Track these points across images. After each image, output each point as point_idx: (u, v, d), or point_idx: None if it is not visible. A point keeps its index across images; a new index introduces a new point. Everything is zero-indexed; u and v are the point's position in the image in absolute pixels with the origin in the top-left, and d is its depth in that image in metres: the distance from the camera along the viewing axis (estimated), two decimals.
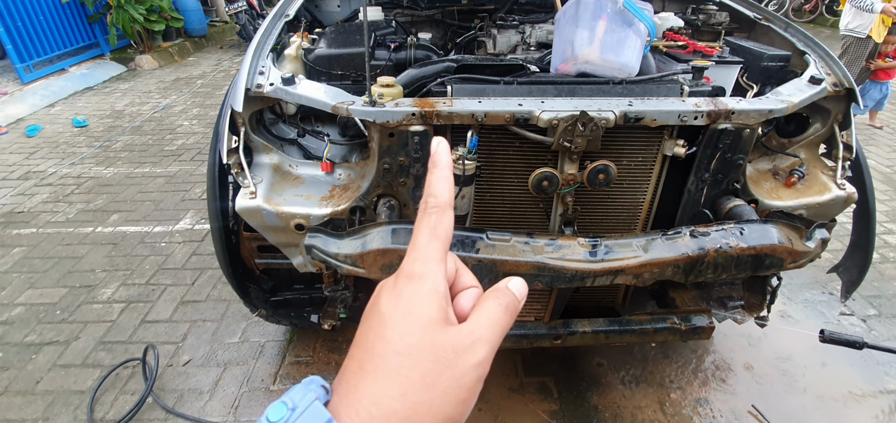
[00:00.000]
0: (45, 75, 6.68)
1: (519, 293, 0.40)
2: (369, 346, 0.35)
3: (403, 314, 0.35)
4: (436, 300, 0.36)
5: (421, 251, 0.37)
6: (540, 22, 2.19)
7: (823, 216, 1.70)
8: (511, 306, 0.39)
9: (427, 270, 0.36)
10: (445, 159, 0.41)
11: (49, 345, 2.53)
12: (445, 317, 0.36)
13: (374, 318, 0.36)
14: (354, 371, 0.34)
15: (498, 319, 0.38)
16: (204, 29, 9.14)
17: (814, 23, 10.64)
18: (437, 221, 0.38)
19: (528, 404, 2.24)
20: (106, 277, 3.01)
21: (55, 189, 4.06)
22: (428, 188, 0.40)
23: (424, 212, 0.39)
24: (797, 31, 2.01)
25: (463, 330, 0.36)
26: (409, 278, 0.37)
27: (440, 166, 0.41)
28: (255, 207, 1.52)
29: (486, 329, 0.36)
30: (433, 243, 0.38)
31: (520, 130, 1.43)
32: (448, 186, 0.40)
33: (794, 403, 2.26)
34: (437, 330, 0.35)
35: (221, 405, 2.23)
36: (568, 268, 1.39)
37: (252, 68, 1.57)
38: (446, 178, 0.40)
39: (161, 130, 5.25)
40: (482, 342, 0.35)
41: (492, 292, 0.40)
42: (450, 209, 0.39)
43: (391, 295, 0.37)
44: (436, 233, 0.38)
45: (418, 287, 0.36)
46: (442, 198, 0.39)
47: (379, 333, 0.35)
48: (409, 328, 0.34)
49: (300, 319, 2.08)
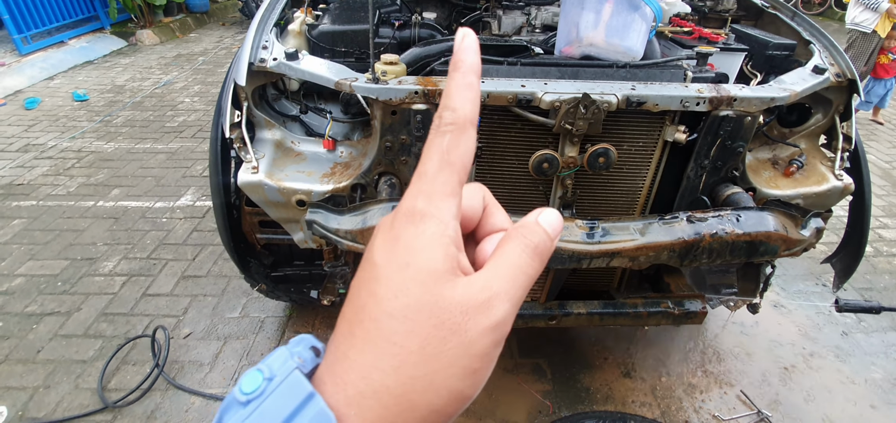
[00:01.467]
0: (44, 47, 6.63)
1: (551, 229, 0.31)
2: (360, 304, 0.28)
3: (399, 266, 0.28)
4: (441, 247, 0.28)
5: (427, 182, 0.29)
6: (546, 3, 2.18)
7: (820, 206, 1.71)
8: (541, 247, 0.30)
9: (432, 207, 0.28)
10: (472, 60, 0.31)
11: (50, 316, 2.56)
12: (454, 268, 0.28)
13: (367, 268, 0.29)
14: (344, 335, 0.28)
15: (522, 265, 0.29)
16: (206, 5, 9.05)
17: (823, 15, 10.55)
18: (453, 142, 0.29)
19: (522, 383, 2.28)
20: (107, 250, 3.03)
21: (55, 162, 4.06)
22: (445, 98, 0.30)
23: (437, 130, 0.30)
24: (803, 20, 2.01)
25: (476, 283, 0.28)
26: (408, 217, 0.29)
27: (463, 69, 0.31)
28: (257, 181, 1.53)
29: (505, 280, 0.29)
30: (444, 171, 0.29)
31: (522, 111, 1.44)
32: (472, 96, 0.30)
33: (782, 390, 2.31)
34: (442, 285, 0.27)
35: (221, 377, 2.27)
36: (564, 249, 1.41)
37: (255, 43, 1.57)
38: (470, 85, 0.30)
39: (162, 106, 5.23)
40: (500, 298, 0.28)
41: (516, 231, 0.31)
42: (471, 128, 0.30)
43: (387, 239, 0.29)
44: (449, 159, 0.29)
45: (420, 230, 0.28)
46: (461, 112, 0.30)
47: (370, 288, 0.28)
48: (405, 284, 0.27)
49: (300, 295, 2.10)
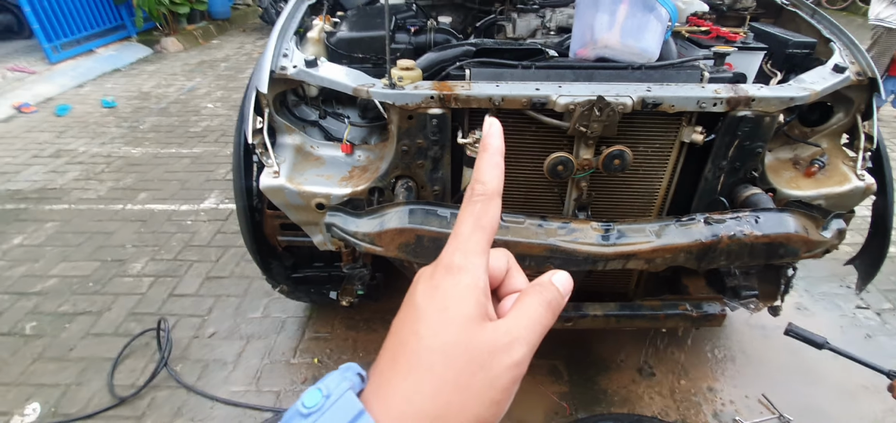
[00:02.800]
0: (73, 56, 6.88)
1: (563, 288, 0.38)
2: (403, 339, 0.34)
3: (439, 309, 0.34)
4: (474, 296, 0.34)
5: (462, 241, 0.35)
6: (560, 6, 2.18)
7: (842, 207, 1.68)
8: (554, 303, 0.37)
9: (467, 262, 0.35)
10: (497, 143, 0.38)
11: (82, 315, 2.67)
12: (483, 314, 0.34)
13: (410, 310, 0.35)
14: (388, 364, 0.34)
15: (539, 317, 0.35)
16: (227, 12, 9.26)
17: (846, 11, 10.23)
18: (483, 210, 0.36)
19: (539, 385, 2.29)
20: (135, 252, 3.14)
21: (86, 167, 4.22)
22: (476, 174, 0.37)
23: (470, 199, 0.37)
24: (823, 17, 1.97)
25: (501, 329, 0.34)
26: (447, 270, 0.35)
27: (491, 151, 0.38)
28: (278, 185, 1.58)
29: (525, 329, 0.34)
30: (476, 233, 0.35)
31: (536, 114, 1.45)
32: (498, 173, 0.37)
33: (805, 393, 2.26)
34: (474, 328, 0.33)
35: (244, 376, 2.33)
36: (580, 251, 1.42)
37: (276, 51, 1.62)
38: (496, 164, 0.37)
39: (186, 112, 5.38)
40: (520, 343, 0.34)
41: (533, 287, 0.37)
42: (497, 198, 0.37)
43: (428, 287, 0.35)
44: (480, 223, 0.36)
45: (457, 281, 0.34)
46: (490, 185, 0.37)
47: (413, 328, 0.34)
48: (444, 325, 0.33)
49: (319, 296, 2.15)
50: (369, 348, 2.48)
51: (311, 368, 2.38)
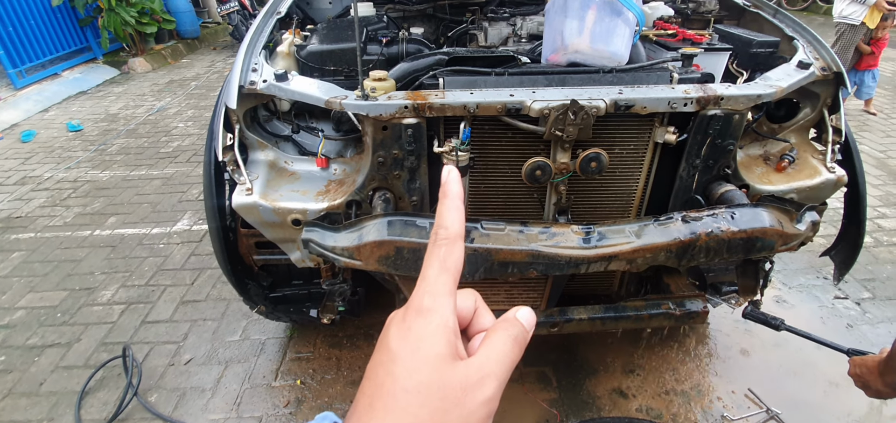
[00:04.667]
0: (38, 80, 6.66)
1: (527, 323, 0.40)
2: (379, 382, 0.35)
3: (412, 350, 0.35)
4: (444, 335, 0.35)
5: (430, 284, 0.37)
6: (531, 14, 2.20)
7: (814, 200, 1.72)
8: (519, 338, 0.38)
9: (436, 304, 0.36)
10: (455, 190, 0.40)
11: (51, 347, 2.55)
12: (454, 352, 0.35)
13: (384, 353, 0.36)
14: (365, 408, 0.34)
15: (506, 352, 0.37)
16: (196, 31, 9.11)
17: (807, 10, 10.66)
18: (447, 253, 0.38)
19: (528, 393, 2.27)
20: (105, 279, 3.02)
21: (52, 193, 4.06)
22: (438, 219, 0.39)
23: (434, 244, 0.38)
24: (785, 16, 2.03)
25: (472, 366, 0.35)
26: (418, 312, 0.36)
27: (451, 197, 0.40)
28: (251, 203, 1.54)
29: (495, 364, 0.36)
30: (443, 276, 0.37)
31: (512, 120, 1.45)
32: (458, 216, 0.39)
33: (791, 386, 2.29)
34: (446, 367, 0.34)
35: (224, 403, 2.25)
36: (562, 255, 1.41)
37: (245, 65, 1.58)
38: (456, 208, 0.39)
39: (156, 133, 5.25)
40: (490, 378, 0.35)
41: (500, 324, 0.39)
42: (460, 241, 0.39)
43: (400, 330, 0.36)
44: (445, 265, 0.37)
45: (427, 322, 0.35)
46: (452, 229, 0.38)
47: (388, 369, 0.35)
48: (417, 365, 0.34)
49: (299, 314, 2.10)
50: (353, 365, 2.43)
51: (293, 390, 2.31)
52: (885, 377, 1.22)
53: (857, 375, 1.32)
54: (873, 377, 1.25)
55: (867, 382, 1.28)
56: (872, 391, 1.28)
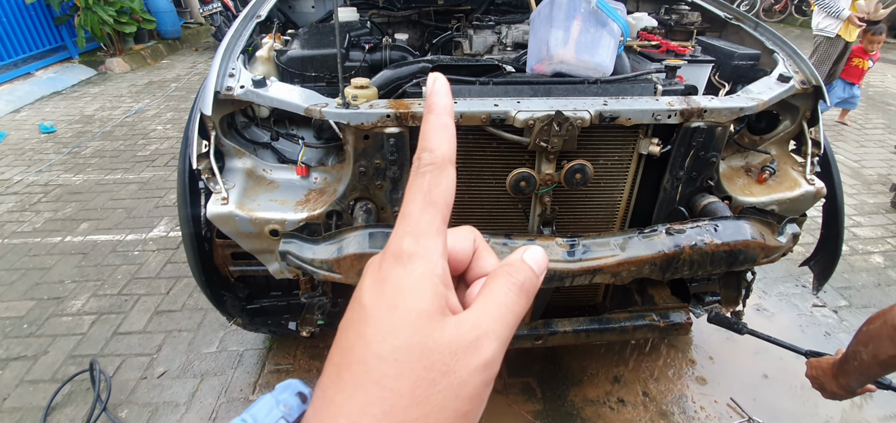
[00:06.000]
0: (10, 80, 6.44)
1: (537, 267, 0.32)
2: (348, 347, 0.28)
3: (388, 307, 0.28)
4: (430, 287, 0.28)
5: (411, 223, 0.29)
6: (516, 22, 2.19)
7: (794, 211, 1.74)
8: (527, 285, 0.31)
9: (419, 247, 0.29)
10: (444, 102, 0.32)
11: (16, 360, 2.43)
12: (442, 307, 0.28)
13: (355, 310, 0.29)
14: (332, 379, 0.28)
15: (509, 303, 0.30)
16: (178, 31, 8.94)
17: (784, 23, 10.95)
18: (433, 182, 0.30)
19: (512, 405, 2.24)
20: (76, 288, 2.91)
21: (21, 198, 3.91)
22: (422, 141, 0.31)
23: (417, 172, 0.30)
24: (766, 30, 2.05)
25: (465, 323, 0.28)
26: (396, 258, 0.29)
27: (437, 111, 0.32)
28: (227, 213, 1.48)
29: (493, 319, 0.29)
30: (428, 211, 0.29)
31: (496, 130, 1.43)
32: (448, 135, 0.31)
33: (772, 395, 2.31)
34: (432, 326, 0.27)
35: (198, 418, 2.17)
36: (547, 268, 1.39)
37: (222, 70, 1.53)
38: (445, 126, 0.31)
39: (133, 135, 5.11)
40: (488, 337, 0.28)
41: (502, 269, 0.31)
42: (450, 167, 0.31)
43: (375, 281, 0.29)
44: (431, 198, 0.30)
45: (408, 270, 0.28)
46: (439, 152, 0.30)
47: (359, 330, 0.28)
48: (395, 325, 0.27)
49: (278, 326, 2.04)
50: None
51: None
52: (838, 379, 1.24)
53: (814, 377, 1.35)
54: (828, 378, 1.28)
55: (823, 383, 1.31)
56: (828, 392, 1.31)
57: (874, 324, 1.08)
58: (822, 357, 1.36)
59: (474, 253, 0.34)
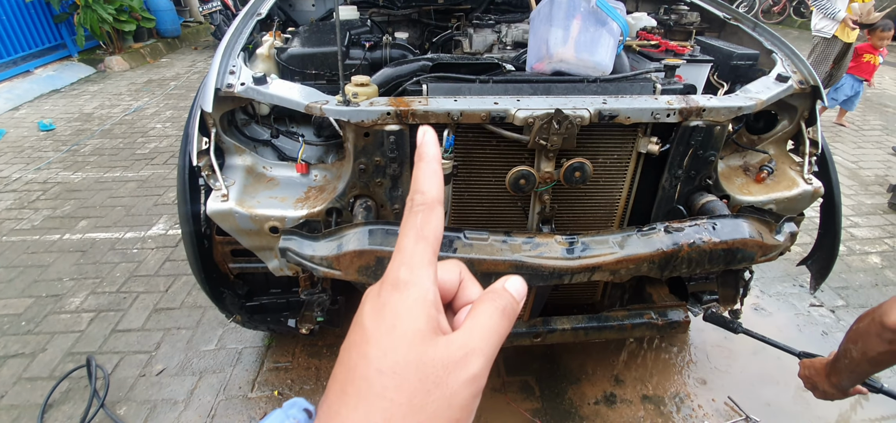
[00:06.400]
0: (9, 77, 6.43)
1: (517, 294, 0.36)
2: (352, 365, 0.32)
3: (387, 329, 0.32)
4: (423, 310, 0.32)
5: (407, 256, 0.34)
6: (516, 21, 2.20)
7: (792, 210, 1.74)
8: (508, 309, 0.35)
9: (413, 276, 0.33)
10: (433, 151, 0.37)
11: (14, 358, 2.43)
12: (435, 328, 0.32)
13: (357, 333, 0.33)
14: (336, 395, 0.31)
15: (494, 326, 0.34)
16: (177, 30, 8.93)
17: (782, 24, 10.98)
18: (425, 220, 0.35)
19: (511, 403, 2.24)
20: (74, 285, 2.91)
21: (20, 195, 3.90)
22: (414, 184, 0.36)
23: (410, 211, 0.35)
24: (765, 30, 2.06)
25: (454, 342, 0.32)
26: (394, 286, 0.33)
27: (427, 159, 0.36)
28: (227, 209, 1.48)
29: (480, 339, 0.33)
30: (420, 245, 0.34)
31: (496, 128, 1.43)
32: (436, 180, 0.36)
33: (769, 394, 2.32)
34: (426, 344, 0.31)
35: (197, 416, 2.17)
36: (546, 266, 1.40)
37: (222, 67, 1.53)
38: (434, 172, 0.36)
39: (132, 133, 5.10)
40: (476, 354, 0.32)
41: (487, 295, 0.36)
42: (439, 207, 0.35)
43: (375, 306, 0.33)
44: (423, 234, 0.34)
45: (404, 296, 0.32)
46: (429, 195, 0.35)
47: (361, 350, 0.32)
48: (393, 344, 0.31)
49: (277, 324, 2.04)
50: None
51: (271, 401, 2.24)
52: (831, 378, 1.27)
53: (807, 377, 1.38)
54: (820, 378, 1.31)
55: (815, 383, 1.34)
56: (820, 392, 1.33)
57: (863, 322, 1.11)
58: (815, 358, 1.38)
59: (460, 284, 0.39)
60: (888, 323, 1.02)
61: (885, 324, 1.02)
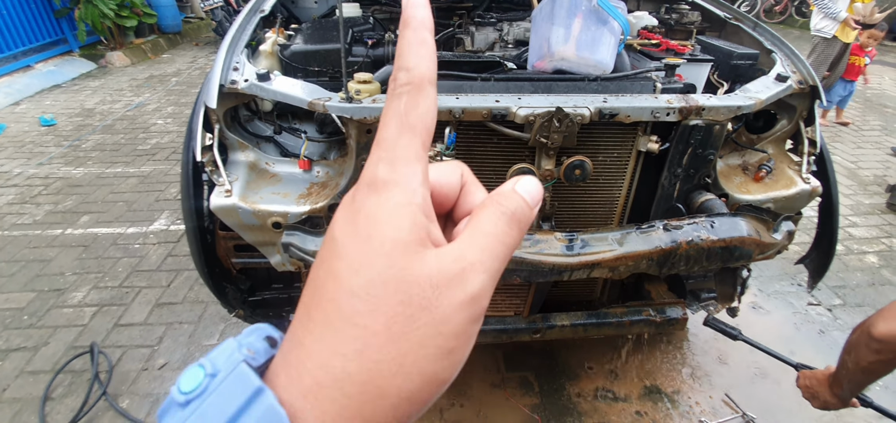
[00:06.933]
0: (9, 72, 6.43)
1: (530, 197, 0.29)
2: (319, 284, 0.26)
3: (361, 239, 0.25)
4: (407, 216, 0.25)
5: (387, 149, 0.26)
6: (517, 20, 2.21)
7: (790, 209, 1.76)
8: (519, 214, 0.28)
9: (396, 174, 0.26)
10: (422, 15, 0.28)
11: (16, 351, 2.45)
12: (422, 238, 0.26)
13: (327, 247, 0.27)
14: (301, 320, 0.26)
15: (499, 233, 0.27)
16: (178, 25, 8.93)
17: (784, 24, 10.98)
18: (411, 103, 0.27)
19: (510, 398, 2.26)
20: (76, 280, 2.92)
21: (21, 190, 3.92)
22: (398, 59, 0.28)
23: (393, 93, 0.27)
24: (765, 30, 2.08)
25: (448, 255, 0.26)
26: (371, 187, 0.26)
27: (413, 25, 0.28)
28: (230, 205, 1.50)
29: (481, 250, 0.26)
30: (405, 135, 0.26)
31: (497, 126, 1.45)
32: (426, 52, 0.28)
33: (766, 392, 2.34)
34: (409, 257, 0.25)
35: None
36: (545, 262, 1.41)
37: (226, 64, 1.55)
38: (422, 41, 0.28)
39: (134, 129, 5.11)
40: (475, 269, 0.26)
41: (492, 198, 0.29)
42: (430, 87, 0.27)
43: (348, 213, 0.26)
44: (408, 121, 0.26)
45: (383, 199, 0.26)
46: (417, 71, 0.27)
47: (330, 267, 0.25)
48: (368, 258, 0.25)
49: (279, 319, 2.05)
50: None
51: None
52: (833, 389, 1.32)
53: (806, 386, 1.43)
54: (823, 388, 1.36)
55: (815, 393, 1.40)
56: (819, 402, 1.39)
57: (855, 333, 1.16)
58: (814, 370, 1.43)
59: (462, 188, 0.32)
60: (874, 334, 1.05)
61: (872, 334, 1.06)
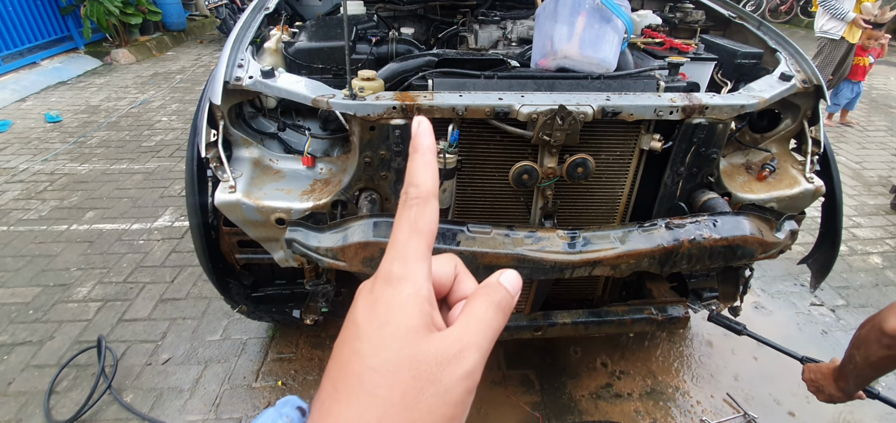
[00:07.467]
0: (15, 69, 6.48)
1: (512, 288, 0.36)
2: (344, 362, 0.31)
3: (380, 324, 0.31)
4: (416, 305, 0.31)
5: (400, 250, 0.33)
6: (521, 18, 2.21)
7: (793, 209, 1.76)
8: (503, 304, 0.35)
9: (407, 271, 0.32)
10: (428, 142, 0.35)
11: (22, 345, 2.47)
12: (428, 324, 0.32)
13: (350, 329, 0.33)
14: (329, 393, 0.31)
15: (488, 320, 0.33)
16: (183, 23, 8.96)
17: (789, 23, 10.92)
18: (419, 213, 0.33)
19: (511, 396, 2.27)
20: (81, 275, 2.94)
21: (27, 186, 3.95)
22: (408, 177, 0.35)
23: (404, 204, 0.34)
24: (770, 29, 2.07)
25: (449, 337, 0.32)
26: (386, 281, 0.32)
27: (421, 151, 0.35)
28: (234, 201, 1.51)
29: (475, 334, 0.32)
30: (414, 239, 0.33)
31: (500, 123, 1.45)
32: (431, 172, 0.35)
33: (767, 391, 2.34)
34: (419, 340, 0.31)
35: (202, 404, 2.20)
36: (547, 260, 1.41)
37: (231, 61, 1.56)
38: (428, 163, 0.35)
39: (139, 126, 5.14)
40: (470, 349, 0.32)
41: (481, 290, 0.35)
42: (433, 200, 0.34)
43: (367, 302, 0.33)
44: (417, 228, 0.33)
45: (397, 291, 0.32)
46: (423, 187, 0.34)
47: (353, 346, 0.31)
48: (385, 341, 0.30)
49: (282, 315, 2.07)
50: None
51: (274, 391, 2.27)
52: (839, 383, 1.33)
53: (812, 380, 1.43)
54: (828, 382, 1.37)
55: (821, 386, 1.39)
56: (824, 395, 1.39)
57: (864, 328, 1.15)
58: (819, 363, 1.43)
59: (455, 278, 0.38)
60: (887, 329, 1.05)
61: (884, 330, 1.05)
